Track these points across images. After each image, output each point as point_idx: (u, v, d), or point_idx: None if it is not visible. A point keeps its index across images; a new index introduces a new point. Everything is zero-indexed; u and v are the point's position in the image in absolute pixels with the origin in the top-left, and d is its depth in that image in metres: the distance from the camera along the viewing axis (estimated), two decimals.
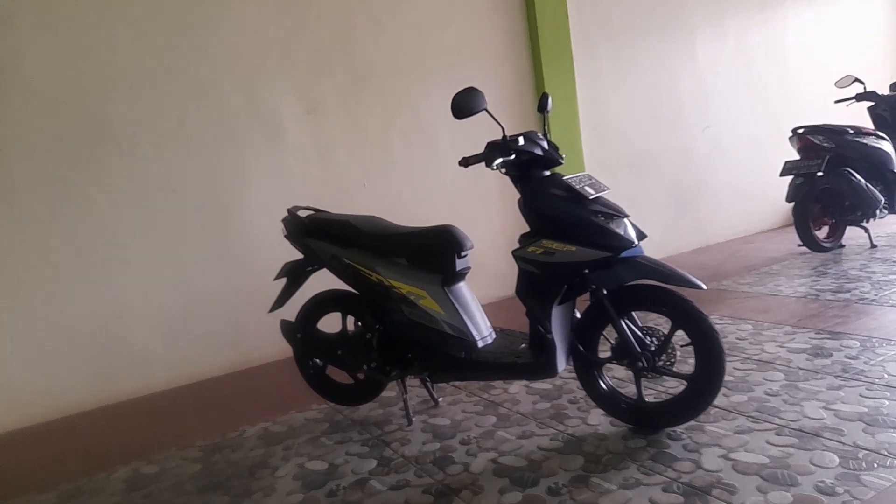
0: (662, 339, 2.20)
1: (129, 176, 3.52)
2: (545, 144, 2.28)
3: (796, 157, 4.88)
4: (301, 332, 2.74)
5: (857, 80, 5.20)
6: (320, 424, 2.75)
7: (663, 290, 2.16)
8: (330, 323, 2.79)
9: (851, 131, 4.72)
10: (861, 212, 4.68)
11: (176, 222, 3.65)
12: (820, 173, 4.60)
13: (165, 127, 3.60)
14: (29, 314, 3.32)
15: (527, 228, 2.30)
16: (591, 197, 2.15)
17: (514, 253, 2.24)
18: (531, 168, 2.26)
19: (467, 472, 2.14)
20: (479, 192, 4.68)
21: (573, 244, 2.13)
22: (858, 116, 5.48)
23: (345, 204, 4.01)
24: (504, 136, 2.18)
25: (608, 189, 2.25)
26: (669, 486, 1.87)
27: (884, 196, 4.72)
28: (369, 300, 2.59)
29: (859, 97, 5.27)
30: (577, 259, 2.13)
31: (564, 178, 2.21)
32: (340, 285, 2.75)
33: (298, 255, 2.76)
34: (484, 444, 2.33)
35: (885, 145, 4.78)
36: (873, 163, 4.72)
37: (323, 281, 2.83)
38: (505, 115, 4.75)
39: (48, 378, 3.36)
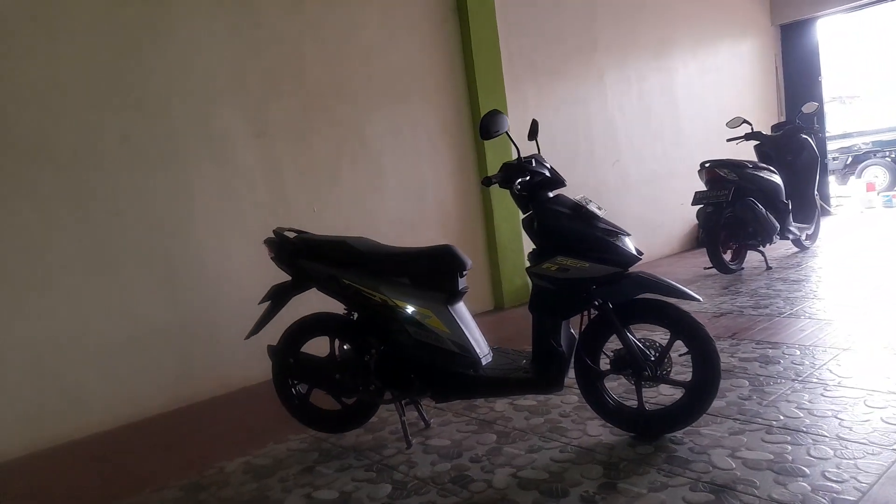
0: (660, 349, 2.35)
1: (68, 196, 3.22)
2: (549, 166, 2.40)
3: (703, 188, 5.38)
4: (292, 356, 2.62)
5: (745, 121, 5.86)
6: (309, 454, 2.63)
7: (663, 303, 2.32)
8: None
9: (750, 165, 5.30)
10: (761, 237, 5.24)
11: (118, 246, 3.36)
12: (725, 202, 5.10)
13: (108, 144, 3.34)
14: None
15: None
16: (599, 215, 2.28)
17: (528, 270, 2.31)
18: (539, 189, 2.36)
19: (493, 489, 2.14)
20: (421, 216, 4.72)
21: (585, 261, 2.24)
22: (744, 154, 6.15)
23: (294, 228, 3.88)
24: (519, 158, 2.27)
25: (605, 209, 2.40)
26: (696, 486, 1.99)
27: (777, 223, 5.32)
28: (369, 321, 2.55)
29: (748, 136, 5.93)
30: (590, 274, 2.24)
31: (572, 198, 2.33)
32: (312, 309, 2.70)
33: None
34: (496, 461, 2.35)
35: (776, 178, 5.41)
36: (768, 194, 5.31)
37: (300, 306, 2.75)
38: (446, 141, 4.87)
39: None
